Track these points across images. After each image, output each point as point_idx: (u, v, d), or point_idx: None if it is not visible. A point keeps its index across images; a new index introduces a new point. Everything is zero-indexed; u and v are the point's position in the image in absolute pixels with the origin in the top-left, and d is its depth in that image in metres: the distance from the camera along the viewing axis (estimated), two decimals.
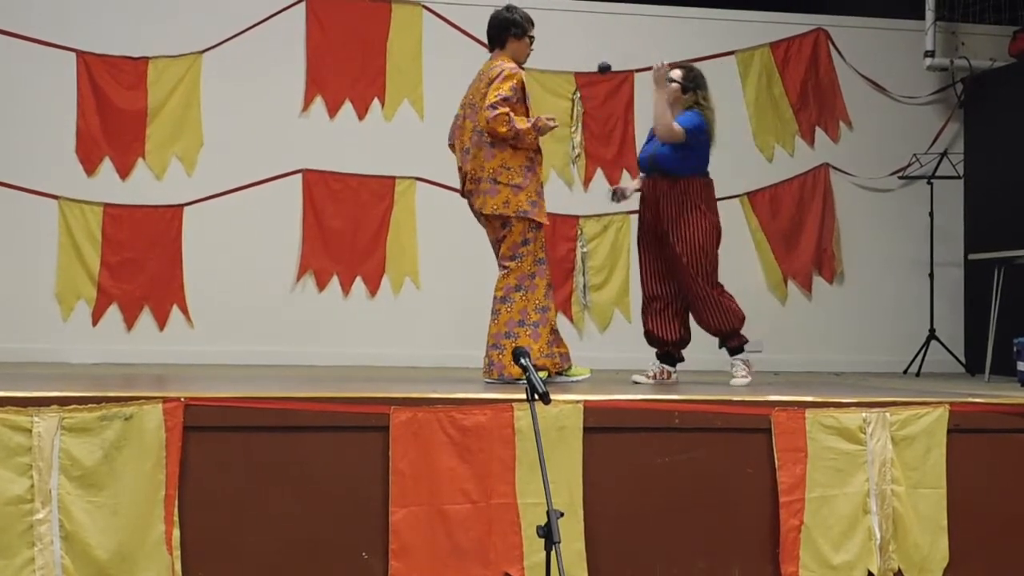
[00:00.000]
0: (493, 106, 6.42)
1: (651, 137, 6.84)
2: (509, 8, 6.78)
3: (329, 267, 9.23)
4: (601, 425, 5.13)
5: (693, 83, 6.83)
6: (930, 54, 9.85)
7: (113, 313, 8.93)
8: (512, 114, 6.44)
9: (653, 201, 6.75)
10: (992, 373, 8.27)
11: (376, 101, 9.36)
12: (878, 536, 5.28)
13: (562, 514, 4.04)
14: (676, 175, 6.68)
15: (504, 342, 6.46)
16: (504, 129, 6.41)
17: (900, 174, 9.83)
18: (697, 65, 9.77)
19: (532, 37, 6.78)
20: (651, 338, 6.88)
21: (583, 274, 9.55)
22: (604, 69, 6.88)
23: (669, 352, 6.90)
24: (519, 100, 6.55)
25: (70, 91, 8.94)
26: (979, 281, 9.16)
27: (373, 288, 9.28)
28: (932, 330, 9.24)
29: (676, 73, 6.81)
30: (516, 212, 6.55)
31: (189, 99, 9.11)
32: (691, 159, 6.69)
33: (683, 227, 6.63)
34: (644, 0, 9.67)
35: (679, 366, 6.98)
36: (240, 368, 8.35)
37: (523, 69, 6.72)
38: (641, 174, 6.97)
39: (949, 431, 5.44)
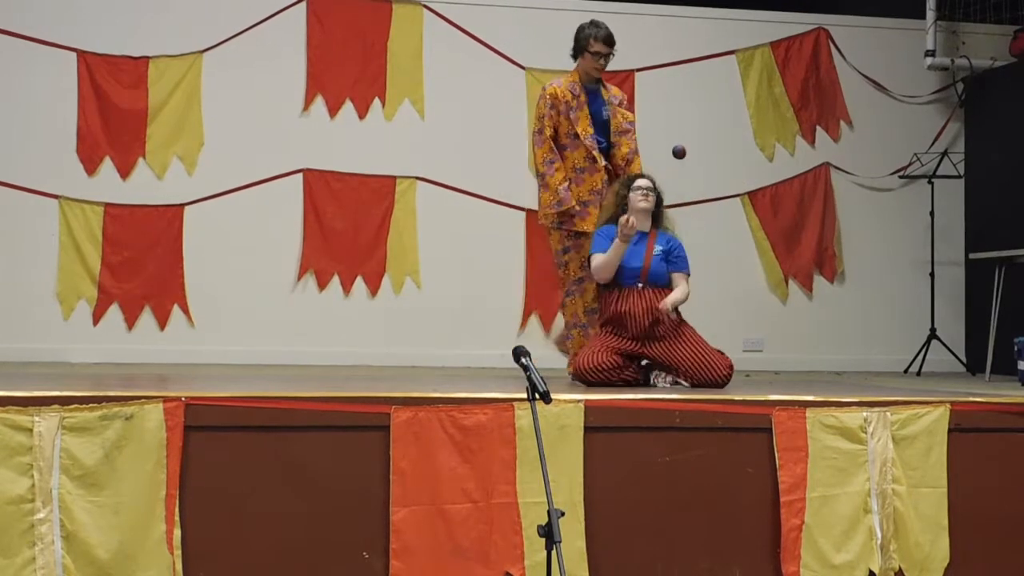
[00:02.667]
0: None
1: (638, 243, 6.46)
2: (580, 26, 7.03)
3: (330, 267, 9.24)
4: (602, 424, 5.13)
5: (660, 193, 6.63)
6: (931, 53, 9.84)
7: (114, 313, 8.94)
8: (541, 156, 6.80)
9: (650, 310, 6.38)
10: (993, 372, 8.27)
11: (377, 101, 9.37)
12: (879, 535, 5.28)
13: (563, 513, 4.04)
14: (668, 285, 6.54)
15: (568, 344, 6.89)
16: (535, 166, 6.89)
17: (901, 173, 9.84)
18: (698, 65, 9.87)
19: (593, 53, 6.92)
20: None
21: None
22: (678, 153, 6.73)
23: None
24: (549, 116, 6.86)
25: (71, 91, 8.95)
26: (980, 280, 9.16)
27: (374, 288, 9.28)
28: (933, 329, 9.24)
29: (646, 183, 6.55)
30: (549, 223, 6.85)
31: (190, 99, 9.12)
32: None
33: (682, 326, 6.50)
34: (644, 0, 9.68)
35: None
36: (241, 368, 8.36)
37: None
38: (627, 283, 6.47)
39: (950, 430, 5.43)
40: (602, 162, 6.86)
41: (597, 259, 6.41)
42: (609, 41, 6.90)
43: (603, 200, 6.75)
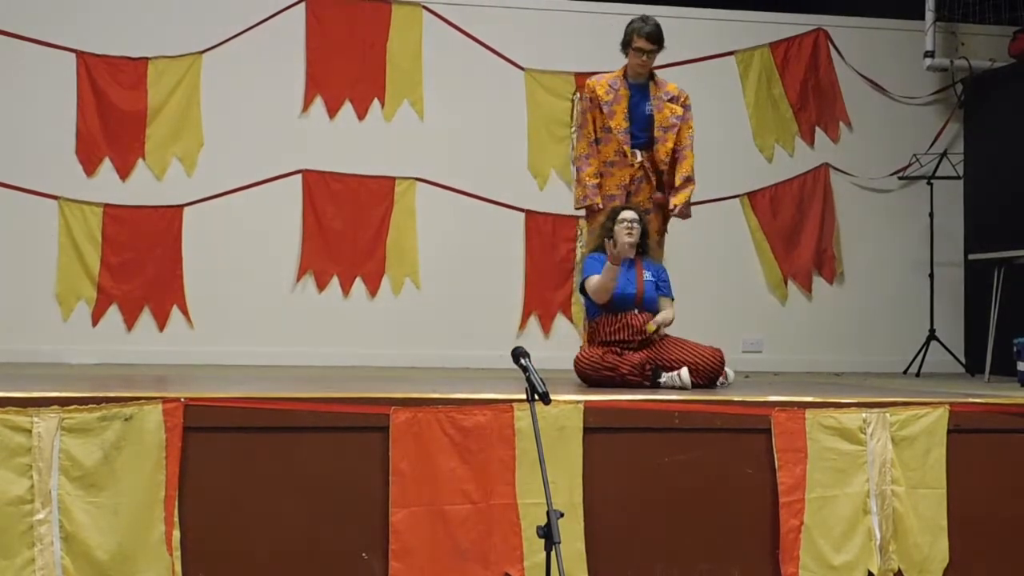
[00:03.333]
0: None
1: (628, 271, 6.55)
2: (631, 20, 7.10)
3: (329, 267, 9.23)
4: (601, 425, 5.13)
5: (645, 225, 6.71)
6: (930, 54, 9.84)
7: (113, 314, 8.93)
8: (578, 150, 7.07)
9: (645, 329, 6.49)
10: (992, 373, 8.27)
11: (376, 101, 9.37)
12: (878, 536, 5.28)
13: (562, 514, 4.04)
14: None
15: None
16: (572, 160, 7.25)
17: (900, 174, 9.84)
18: (697, 66, 9.86)
19: (637, 49, 6.97)
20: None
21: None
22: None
23: None
24: (588, 110, 7.08)
25: (70, 92, 8.95)
26: (979, 281, 9.16)
27: (373, 288, 9.28)
28: (932, 330, 9.24)
29: (631, 215, 6.59)
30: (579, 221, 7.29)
31: (189, 99, 9.12)
32: None
33: (682, 341, 6.53)
34: (644, 0, 9.67)
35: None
36: (240, 368, 8.35)
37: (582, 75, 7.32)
38: (623, 310, 6.53)
39: (949, 431, 5.43)
40: (636, 158, 6.96)
41: (592, 281, 6.51)
42: (652, 38, 6.95)
43: (633, 197, 6.92)
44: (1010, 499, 5.51)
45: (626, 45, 7.03)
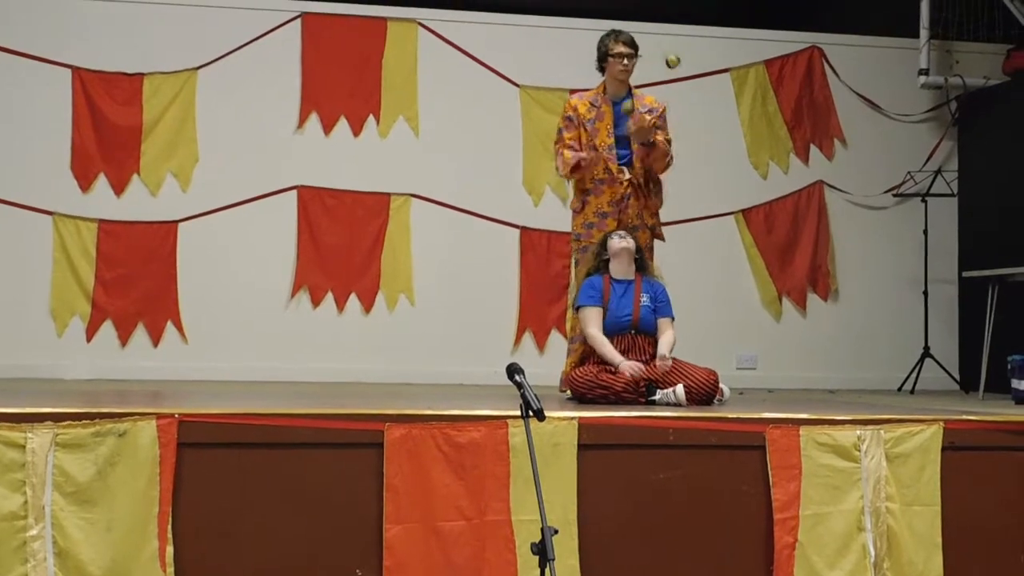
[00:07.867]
0: None
1: (625, 292, 6.56)
2: (601, 36, 7.08)
3: (324, 283, 9.23)
4: (596, 442, 5.13)
5: (638, 242, 6.76)
6: (924, 72, 9.87)
7: (107, 329, 8.92)
8: (561, 152, 7.01)
9: (641, 357, 6.48)
10: (986, 391, 8.27)
11: (371, 118, 9.38)
12: (872, 553, 5.28)
13: (556, 531, 4.03)
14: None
15: (566, 358, 6.90)
16: (558, 170, 7.16)
17: (894, 192, 9.85)
18: (692, 82, 9.88)
19: (615, 55, 6.95)
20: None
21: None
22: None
23: None
24: (565, 126, 7.07)
25: (65, 107, 8.96)
26: (973, 299, 9.17)
27: (368, 304, 9.28)
28: (926, 347, 9.25)
29: (621, 230, 6.70)
30: (572, 235, 7.06)
31: (184, 115, 9.12)
32: None
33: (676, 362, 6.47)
34: (639, 18, 9.70)
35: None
36: (234, 384, 8.34)
37: (579, 91, 7.17)
38: (618, 333, 6.52)
39: (943, 448, 5.43)
40: (625, 175, 6.91)
41: (591, 328, 6.46)
42: (629, 43, 6.95)
43: (622, 214, 6.86)
44: (1004, 516, 5.51)
45: (602, 59, 7.00)
